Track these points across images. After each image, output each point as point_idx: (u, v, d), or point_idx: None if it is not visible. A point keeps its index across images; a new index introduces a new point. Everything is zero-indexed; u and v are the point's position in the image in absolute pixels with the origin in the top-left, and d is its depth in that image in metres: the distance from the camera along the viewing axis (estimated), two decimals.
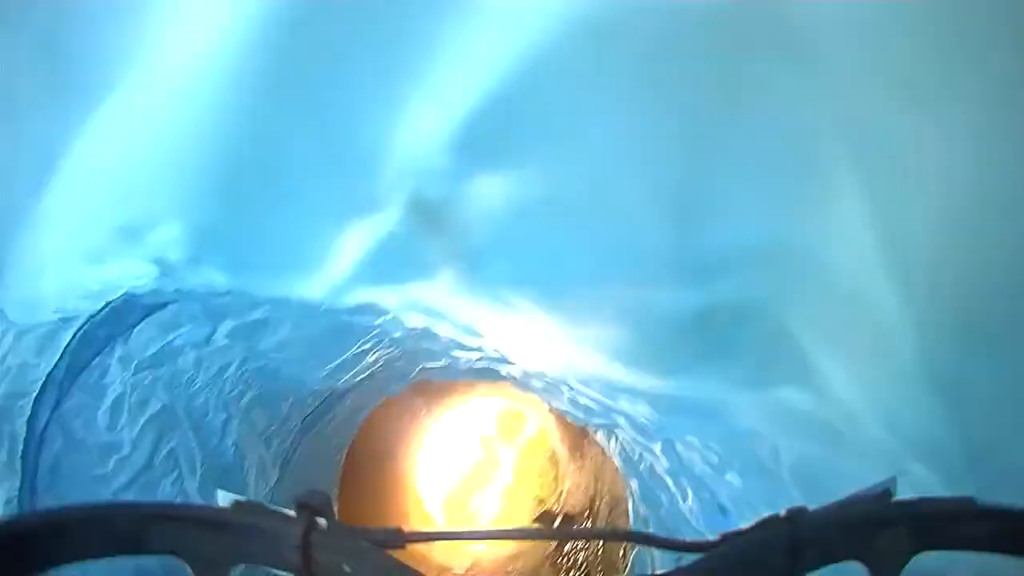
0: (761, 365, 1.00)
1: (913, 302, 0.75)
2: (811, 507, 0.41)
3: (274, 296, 1.59)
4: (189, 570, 0.40)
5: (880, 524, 0.40)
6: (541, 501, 6.23)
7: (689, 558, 0.41)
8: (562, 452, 5.92)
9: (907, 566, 0.41)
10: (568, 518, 5.24)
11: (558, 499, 5.89)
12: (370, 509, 4.66)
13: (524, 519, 6.20)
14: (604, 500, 4.68)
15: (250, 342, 2.17)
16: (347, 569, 0.38)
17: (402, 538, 0.42)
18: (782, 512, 0.41)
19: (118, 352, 1.92)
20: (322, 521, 0.40)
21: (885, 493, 0.41)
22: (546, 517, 5.42)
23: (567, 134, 0.87)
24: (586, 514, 4.93)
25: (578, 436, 4.87)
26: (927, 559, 0.41)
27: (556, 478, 6.24)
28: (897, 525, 0.40)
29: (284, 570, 0.39)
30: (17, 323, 1.59)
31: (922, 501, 0.41)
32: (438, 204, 1.02)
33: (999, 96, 0.64)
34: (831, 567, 0.41)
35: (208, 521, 0.40)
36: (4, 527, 0.39)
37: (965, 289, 0.72)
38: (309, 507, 0.40)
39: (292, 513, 0.40)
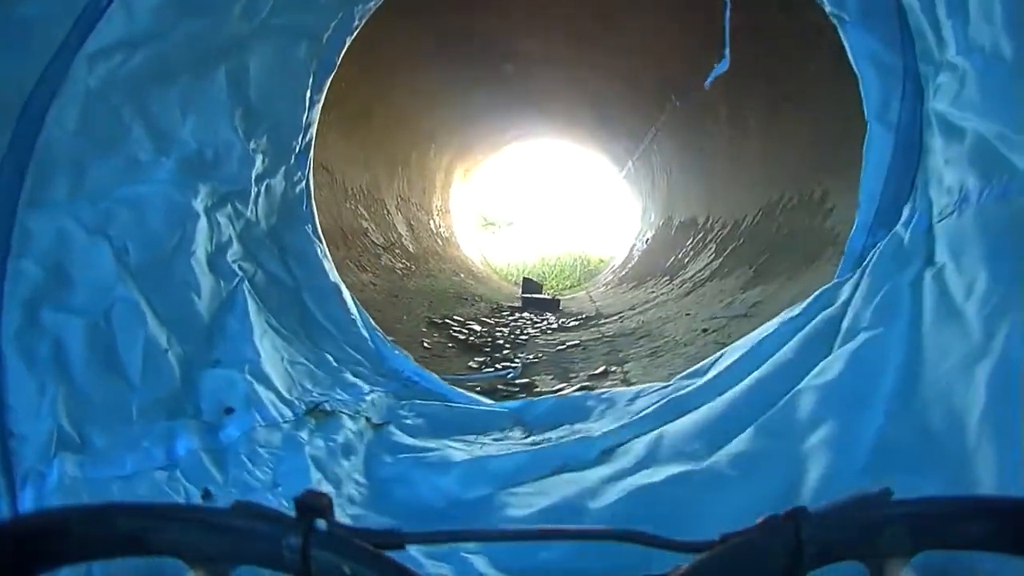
0: None
1: None
2: (811, 507, 0.41)
3: None
4: (189, 571, 0.40)
5: (880, 524, 0.40)
6: None
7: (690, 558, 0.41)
8: None
9: (907, 566, 0.40)
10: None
11: None
12: None
13: None
14: None
15: None
16: (347, 571, 0.38)
17: (401, 539, 0.42)
18: (782, 512, 0.41)
19: None
20: (321, 523, 0.40)
21: (885, 493, 0.41)
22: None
23: None
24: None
25: None
26: (927, 559, 0.41)
27: None
28: (897, 525, 0.40)
29: (284, 572, 0.39)
30: None
31: (922, 501, 0.41)
32: None
33: None
34: (831, 567, 0.41)
35: (208, 522, 0.40)
36: (5, 527, 0.39)
37: None
38: (309, 509, 0.40)
39: (292, 514, 0.40)
